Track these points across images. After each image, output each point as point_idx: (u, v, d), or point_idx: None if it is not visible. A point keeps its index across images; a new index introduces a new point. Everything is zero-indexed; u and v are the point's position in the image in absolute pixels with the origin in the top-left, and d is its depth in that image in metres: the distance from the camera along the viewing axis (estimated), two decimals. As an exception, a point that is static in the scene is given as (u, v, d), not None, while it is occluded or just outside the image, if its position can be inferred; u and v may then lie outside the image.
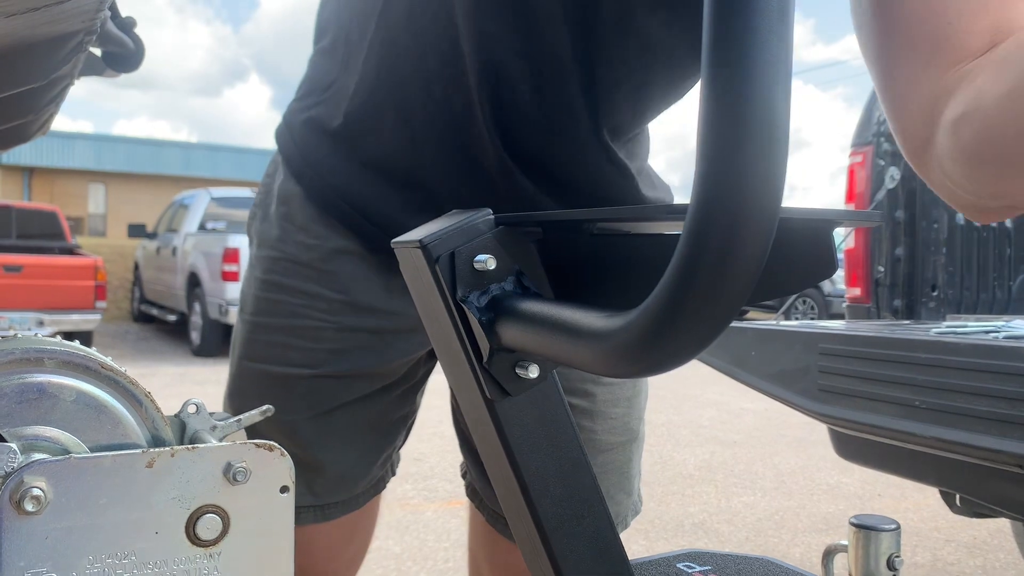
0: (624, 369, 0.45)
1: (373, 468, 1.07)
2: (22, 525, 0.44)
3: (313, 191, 1.01)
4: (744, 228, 0.37)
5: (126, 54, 0.94)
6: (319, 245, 1.01)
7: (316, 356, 1.00)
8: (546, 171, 0.95)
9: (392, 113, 0.94)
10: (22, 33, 0.56)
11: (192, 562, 0.48)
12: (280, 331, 1.01)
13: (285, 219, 1.03)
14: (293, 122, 1.04)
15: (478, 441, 0.65)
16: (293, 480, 0.50)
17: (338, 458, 1.03)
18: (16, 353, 0.46)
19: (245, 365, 1.04)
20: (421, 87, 0.92)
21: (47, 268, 8.58)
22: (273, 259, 1.03)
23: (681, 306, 0.39)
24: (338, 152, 0.99)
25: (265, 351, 1.02)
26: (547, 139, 0.93)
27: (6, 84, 0.63)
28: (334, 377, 1.00)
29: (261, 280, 1.03)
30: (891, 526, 1.17)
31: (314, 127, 1.01)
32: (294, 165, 1.03)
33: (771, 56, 0.37)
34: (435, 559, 3.07)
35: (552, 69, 0.88)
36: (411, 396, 1.09)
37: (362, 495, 1.08)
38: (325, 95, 1.01)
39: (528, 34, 0.87)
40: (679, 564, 0.78)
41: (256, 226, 1.08)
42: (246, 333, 1.04)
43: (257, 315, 1.03)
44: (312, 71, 1.05)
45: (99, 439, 0.48)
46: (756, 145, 0.37)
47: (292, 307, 1.01)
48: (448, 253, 0.58)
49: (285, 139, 1.05)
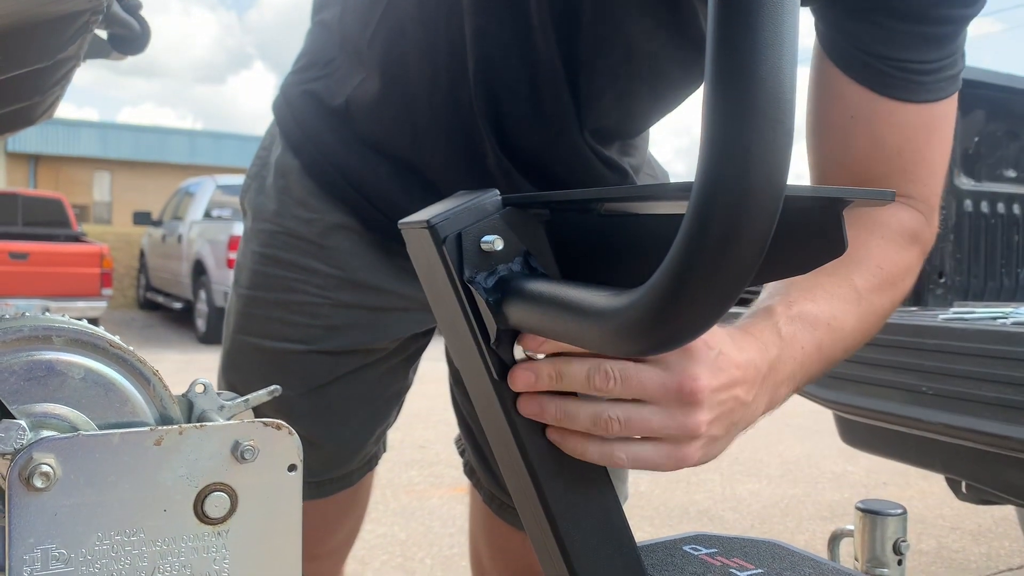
0: (630, 347, 0.45)
1: (367, 444, 1.08)
2: (31, 501, 0.44)
3: (312, 165, 1.00)
4: (748, 206, 0.37)
5: (132, 36, 0.94)
6: (318, 219, 1.00)
7: (311, 332, 1.00)
8: (541, 170, 0.95)
9: (397, 100, 0.94)
10: (28, 12, 0.56)
11: (200, 539, 0.49)
12: (276, 306, 1.01)
13: (283, 192, 1.02)
14: (291, 95, 1.03)
15: (485, 424, 0.65)
16: (301, 459, 0.50)
17: (332, 434, 1.03)
18: (24, 331, 0.46)
19: (239, 339, 1.03)
20: (428, 77, 0.91)
21: (53, 255, 8.60)
22: (271, 232, 1.02)
23: (685, 285, 0.39)
24: (338, 130, 0.98)
25: (260, 326, 1.02)
26: (540, 139, 0.93)
27: (11, 64, 0.63)
28: (328, 353, 1.00)
29: (258, 253, 1.03)
30: (898, 511, 1.17)
31: (314, 101, 1.00)
32: (293, 138, 1.02)
33: (775, 33, 0.36)
34: (440, 545, 3.08)
35: (544, 72, 0.88)
36: (403, 370, 1.09)
37: (356, 471, 1.09)
38: (326, 70, 1.00)
39: (522, 36, 0.87)
40: (685, 547, 0.78)
41: (251, 198, 1.07)
42: (241, 307, 1.04)
43: (253, 288, 1.03)
44: (311, 43, 1.04)
45: (107, 417, 0.48)
46: (760, 122, 0.37)
47: (288, 281, 1.00)
48: (455, 234, 0.58)
49: (283, 112, 1.04)
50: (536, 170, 0.95)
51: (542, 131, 0.92)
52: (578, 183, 0.96)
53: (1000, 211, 2.33)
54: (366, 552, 2.98)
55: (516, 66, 0.88)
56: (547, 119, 0.91)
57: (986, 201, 2.30)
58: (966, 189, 2.28)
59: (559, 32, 0.86)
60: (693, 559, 0.74)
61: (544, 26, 0.86)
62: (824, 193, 0.50)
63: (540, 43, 0.87)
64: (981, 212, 2.28)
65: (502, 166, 0.93)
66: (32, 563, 0.45)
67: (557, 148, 0.94)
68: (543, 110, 0.91)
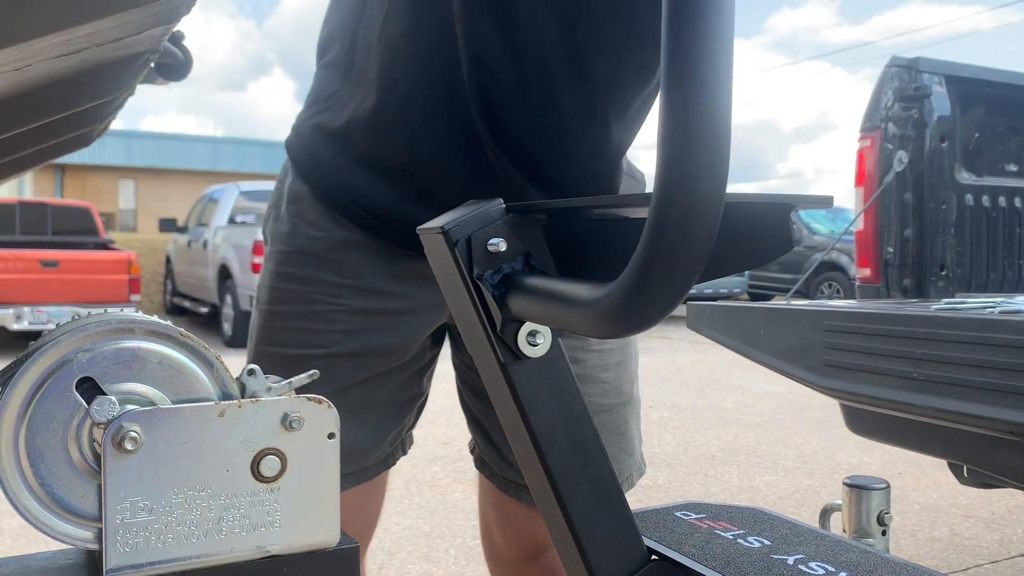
0: (607, 330, 0.55)
1: (383, 444, 1.17)
2: (122, 462, 0.55)
3: (320, 190, 1.12)
4: (694, 213, 0.46)
5: (176, 64, 1.05)
6: (326, 237, 1.11)
7: (330, 337, 1.10)
8: (533, 162, 1.05)
9: (394, 108, 1.05)
10: (102, 57, 0.66)
11: (256, 495, 0.59)
12: (295, 317, 1.11)
13: (296, 216, 1.14)
14: (301, 129, 1.16)
15: (494, 401, 0.75)
16: (338, 428, 0.60)
17: (351, 432, 1.13)
18: (113, 323, 0.57)
19: (263, 350, 1.13)
20: (424, 83, 1.02)
21: (82, 263, 8.79)
22: (285, 252, 1.13)
23: (646, 278, 0.49)
24: (341, 153, 1.09)
25: (282, 336, 1.12)
26: (533, 132, 1.03)
27: (85, 100, 0.73)
28: (348, 356, 1.10)
29: (275, 272, 1.14)
30: (881, 485, 1.26)
31: (319, 131, 1.12)
32: (303, 167, 1.14)
33: (714, 81, 0.46)
34: (464, 537, 3.18)
35: (537, 65, 0.98)
36: (419, 379, 1.19)
37: (372, 468, 1.17)
38: (329, 103, 1.11)
39: (511, 31, 0.97)
40: (676, 512, 0.87)
41: (270, 225, 1.19)
42: (262, 321, 1.14)
43: (272, 304, 1.13)
44: (317, 84, 1.16)
45: (179, 394, 0.58)
46: (702, 146, 0.46)
47: (305, 294, 1.11)
48: (465, 237, 0.68)
49: (294, 145, 1.16)
50: (528, 161, 1.05)
51: (537, 122, 1.02)
52: (570, 174, 1.06)
53: (1002, 205, 2.40)
54: (392, 543, 3.09)
55: (507, 61, 0.98)
56: (541, 109, 1.01)
57: (987, 195, 2.37)
58: (967, 184, 2.35)
59: (558, 18, 0.96)
60: (682, 522, 0.84)
61: (538, 16, 0.95)
62: (768, 200, 0.59)
63: (533, 33, 0.97)
64: (982, 206, 2.35)
65: (496, 160, 1.03)
66: (123, 512, 0.55)
67: (544, 133, 1.03)
68: (537, 100, 1.00)
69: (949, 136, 2.35)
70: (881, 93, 2.39)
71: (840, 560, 0.76)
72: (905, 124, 2.30)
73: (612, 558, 0.72)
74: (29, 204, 10.33)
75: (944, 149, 2.33)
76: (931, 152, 2.31)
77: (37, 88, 0.64)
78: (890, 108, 2.34)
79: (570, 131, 1.04)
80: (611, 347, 1.17)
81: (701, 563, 0.73)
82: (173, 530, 0.56)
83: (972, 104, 2.40)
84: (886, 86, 2.36)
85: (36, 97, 0.65)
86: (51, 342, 0.55)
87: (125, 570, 0.55)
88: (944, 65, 2.44)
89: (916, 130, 2.31)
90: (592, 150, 1.07)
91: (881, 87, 2.41)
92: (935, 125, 2.33)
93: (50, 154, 0.91)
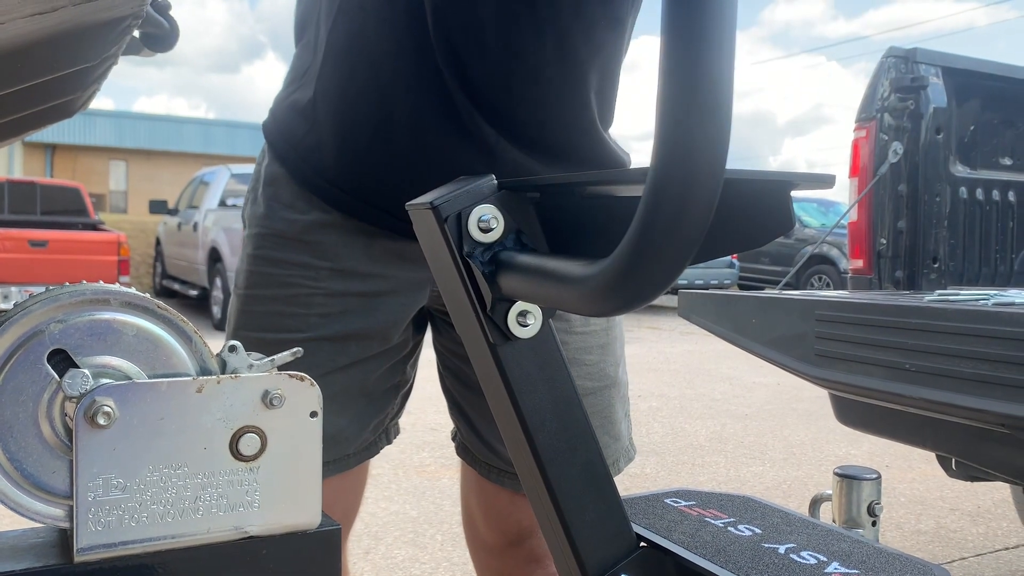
0: (601, 307, 0.53)
1: (364, 432, 1.14)
2: (94, 437, 0.53)
3: (295, 171, 1.10)
4: (691, 187, 0.44)
5: (162, 35, 1.02)
6: (303, 219, 1.09)
7: (308, 321, 1.08)
8: (507, 115, 1.04)
9: (363, 73, 1.03)
10: (81, 18, 0.64)
11: (235, 474, 0.57)
12: (273, 301, 1.09)
13: (272, 199, 1.12)
14: (277, 110, 1.14)
15: (483, 382, 0.73)
16: (321, 406, 0.59)
17: (331, 420, 1.10)
18: (87, 294, 0.55)
19: (240, 335, 1.10)
20: (391, 41, 1.01)
21: (71, 243, 8.73)
22: (262, 235, 1.11)
23: (641, 253, 0.47)
24: (312, 131, 1.08)
25: (260, 320, 1.10)
26: (503, 81, 1.02)
27: (63, 64, 0.71)
28: (327, 340, 1.08)
29: (252, 256, 1.12)
30: (872, 475, 1.25)
31: (293, 110, 1.11)
32: (278, 148, 1.12)
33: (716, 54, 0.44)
34: (451, 523, 3.17)
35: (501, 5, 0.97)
36: (402, 367, 1.17)
37: (353, 457, 1.14)
38: (302, 80, 1.10)
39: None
40: (666, 499, 0.86)
41: (248, 209, 1.17)
42: (240, 306, 1.12)
43: (249, 288, 1.11)
44: (293, 63, 1.15)
45: (156, 368, 0.56)
46: (701, 121, 0.44)
47: (282, 277, 1.09)
48: (455, 213, 0.66)
49: (270, 127, 1.15)
50: (502, 115, 1.04)
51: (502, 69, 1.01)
52: (551, 132, 1.05)
53: (995, 198, 2.39)
54: (379, 528, 3.08)
55: (470, 4, 0.97)
56: (504, 53, 1.00)
57: (981, 188, 2.36)
58: (961, 176, 2.34)
59: None
60: (672, 509, 0.82)
61: None
62: (768, 177, 0.57)
63: None
64: (976, 199, 2.34)
65: (472, 117, 1.02)
66: (95, 489, 0.53)
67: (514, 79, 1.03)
68: (502, 46, 0.99)
69: (945, 128, 2.34)
70: (877, 83, 2.38)
71: (831, 550, 0.74)
72: (901, 115, 2.29)
73: (601, 544, 0.70)
74: (18, 183, 10.25)
75: (939, 141, 2.32)
76: (926, 144, 2.30)
77: (13, 49, 0.61)
78: (886, 99, 2.33)
79: (542, 78, 1.03)
80: (595, 328, 1.15)
81: (691, 551, 0.72)
82: (148, 509, 0.54)
83: (968, 96, 2.39)
84: (883, 76, 2.35)
85: (11, 60, 0.62)
86: (22, 312, 0.53)
87: (97, 549, 0.53)
88: (941, 57, 2.43)
89: (912, 121, 2.30)
90: (565, 94, 1.05)
91: (878, 77, 2.40)
92: (931, 117, 2.32)
93: (30, 123, 0.88)
